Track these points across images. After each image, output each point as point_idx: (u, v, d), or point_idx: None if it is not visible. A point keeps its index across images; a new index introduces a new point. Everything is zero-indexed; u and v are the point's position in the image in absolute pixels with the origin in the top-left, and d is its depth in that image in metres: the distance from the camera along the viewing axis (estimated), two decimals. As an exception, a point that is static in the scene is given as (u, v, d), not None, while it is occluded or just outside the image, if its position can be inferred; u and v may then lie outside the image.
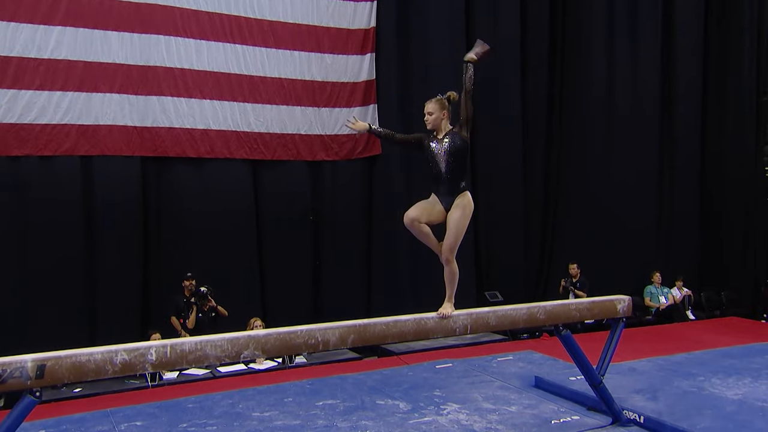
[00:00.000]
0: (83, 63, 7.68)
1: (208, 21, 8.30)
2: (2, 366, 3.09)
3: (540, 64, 10.50)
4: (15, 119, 7.36)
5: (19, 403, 3.20)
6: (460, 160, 4.25)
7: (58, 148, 7.55)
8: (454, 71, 9.68)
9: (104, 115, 7.76)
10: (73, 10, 7.62)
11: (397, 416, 5.08)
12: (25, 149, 7.42)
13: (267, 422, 4.93)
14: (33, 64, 7.46)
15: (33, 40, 7.46)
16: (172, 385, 6.37)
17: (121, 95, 7.85)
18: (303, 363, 7.15)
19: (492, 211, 10.07)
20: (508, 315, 4.57)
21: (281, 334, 3.81)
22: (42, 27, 7.50)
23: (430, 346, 7.70)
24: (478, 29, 9.93)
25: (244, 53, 8.50)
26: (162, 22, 8.03)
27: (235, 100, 8.42)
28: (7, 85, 7.34)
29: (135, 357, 3.39)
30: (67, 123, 7.58)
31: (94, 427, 4.81)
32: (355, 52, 9.19)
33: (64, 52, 7.59)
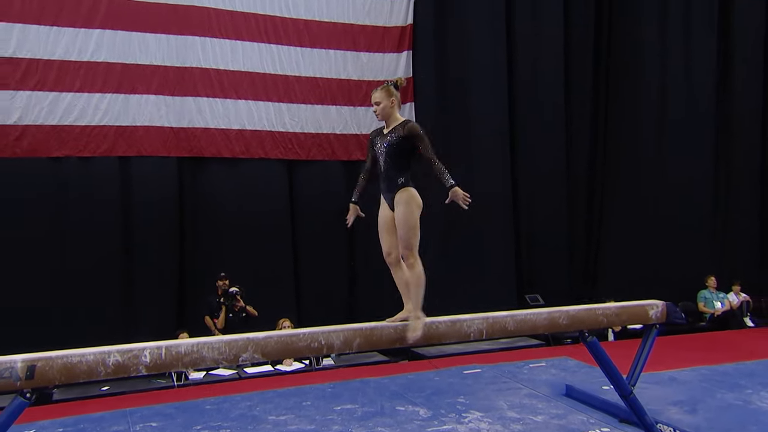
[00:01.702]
0: (121, 65, 7.78)
1: (243, 21, 8.29)
2: (-8, 365, 3.05)
3: (583, 63, 10.06)
4: (56, 121, 7.51)
5: (8, 405, 3.15)
6: (399, 158, 3.89)
7: (97, 149, 7.68)
8: (493, 70, 9.51)
9: (141, 116, 7.85)
10: (112, 13, 7.73)
11: (415, 423, 4.88)
12: (66, 150, 7.57)
13: (281, 426, 4.82)
14: (74, 66, 7.60)
15: (74, 43, 7.60)
16: (197, 386, 6.35)
17: (158, 96, 7.92)
18: (330, 365, 7.03)
19: (533, 212, 9.75)
20: (528, 320, 4.29)
21: (282, 336, 3.67)
22: (82, 30, 7.64)
23: (463, 350, 7.46)
24: (520, 26, 9.64)
25: (279, 53, 8.45)
26: (198, 23, 8.06)
27: (270, 100, 8.38)
28: (48, 88, 7.50)
29: (128, 359, 3.31)
30: (105, 124, 7.70)
31: (110, 427, 4.81)
32: (392, 50, 9.02)
33: (103, 55, 7.70)
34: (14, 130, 7.34)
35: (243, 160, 8.29)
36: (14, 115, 7.34)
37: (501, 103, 9.46)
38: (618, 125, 10.20)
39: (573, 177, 10.02)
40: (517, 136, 9.68)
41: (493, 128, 9.38)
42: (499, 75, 9.45)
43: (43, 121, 7.47)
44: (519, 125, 9.68)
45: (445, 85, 9.25)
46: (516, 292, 9.41)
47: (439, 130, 9.15)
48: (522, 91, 9.67)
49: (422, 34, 9.16)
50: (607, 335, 8.66)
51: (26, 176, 7.36)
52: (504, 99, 9.49)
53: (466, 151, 9.27)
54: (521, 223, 9.70)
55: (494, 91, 9.40)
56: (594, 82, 10.14)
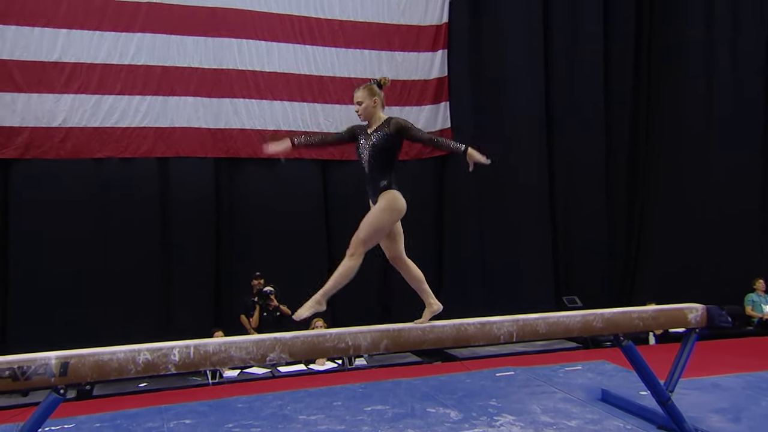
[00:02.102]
0: (161, 68, 7.93)
1: (278, 23, 8.37)
2: (27, 363, 3.13)
3: (623, 60, 9.81)
4: (98, 123, 7.71)
5: (44, 401, 3.23)
6: (383, 158, 3.77)
7: (137, 150, 7.84)
8: (529, 68, 9.35)
9: (179, 117, 7.99)
10: (152, 17, 7.89)
11: (446, 426, 4.82)
12: (107, 151, 7.76)
13: (311, 426, 4.82)
14: (115, 70, 7.79)
15: (116, 47, 7.79)
16: (231, 383, 6.42)
17: (196, 98, 8.05)
18: (363, 365, 7.03)
19: (572, 212, 9.57)
20: (560, 322, 4.19)
21: (309, 337, 3.67)
22: (123, 34, 7.82)
23: (497, 352, 7.36)
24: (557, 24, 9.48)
25: (314, 54, 8.50)
26: (234, 25, 8.17)
27: (304, 101, 8.44)
28: (91, 91, 7.70)
29: (158, 357, 3.35)
30: (145, 126, 7.86)
31: (145, 423, 4.89)
32: (427, 49, 8.98)
33: (143, 58, 7.87)
34: (59, 133, 7.56)
35: (278, 161, 8.31)
36: (59, 117, 7.56)
37: (537, 102, 9.32)
38: (660, 123, 9.92)
39: (613, 176, 9.80)
40: (554, 136, 9.52)
41: (529, 128, 9.24)
42: (535, 74, 9.31)
43: (86, 123, 7.67)
44: (556, 125, 9.52)
45: (480, 84, 9.17)
46: (553, 294, 9.26)
47: (475, 129, 9.09)
48: (559, 90, 9.50)
49: (457, 33, 9.10)
50: (648, 338, 8.45)
51: (70, 177, 7.56)
52: (541, 98, 9.35)
53: (504, 150, 9.12)
54: (558, 222, 9.53)
55: (530, 90, 9.26)
56: (634, 81, 9.89)
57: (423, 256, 8.82)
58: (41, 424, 3.25)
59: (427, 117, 8.96)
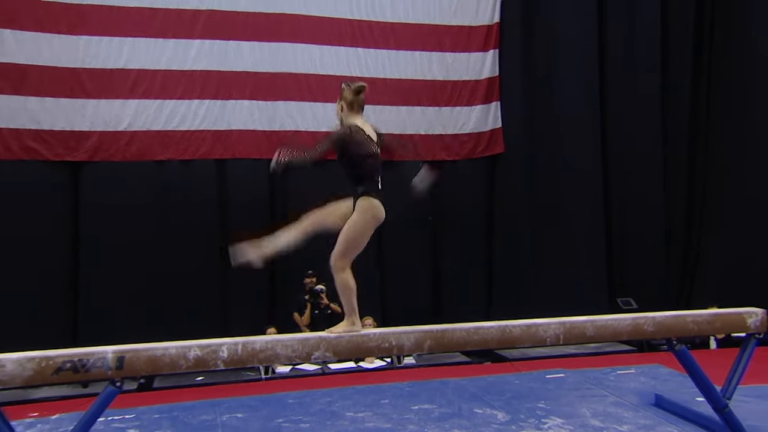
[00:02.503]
0: (218, 73, 8.11)
1: (330, 27, 8.43)
2: (87, 356, 3.26)
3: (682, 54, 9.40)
4: (160, 126, 7.94)
5: (101, 393, 3.35)
6: (347, 165, 3.79)
7: (196, 152, 8.04)
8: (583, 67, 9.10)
9: (236, 120, 8.15)
10: (210, 24, 8.06)
11: (492, 427, 4.76)
12: (168, 154, 7.98)
13: (358, 423, 4.85)
14: (176, 75, 8.00)
15: (176, 53, 8.00)
16: (283, 379, 6.51)
17: (251, 101, 8.20)
18: (412, 364, 7.01)
19: (627, 210, 9.26)
20: (609, 325, 4.08)
21: (353, 336, 3.69)
22: (184, 41, 8.02)
23: (548, 354, 7.22)
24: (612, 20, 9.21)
25: (366, 56, 8.53)
26: (288, 30, 8.27)
27: (357, 102, 8.44)
28: (154, 96, 7.94)
29: (207, 353, 3.45)
30: (204, 129, 8.05)
31: (200, 416, 5.02)
32: (478, 49, 8.87)
33: (202, 64, 8.06)
34: (124, 136, 7.83)
35: (331, 162, 8.36)
36: (125, 121, 7.83)
37: (592, 100, 9.06)
38: (720, 119, 9.44)
39: (670, 175, 9.42)
40: (609, 134, 9.24)
41: (582, 126, 9.00)
42: (589, 71, 9.06)
43: (149, 126, 7.91)
44: (610, 123, 9.24)
45: (532, 82, 8.99)
46: (607, 296, 9.00)
47: (526, 128, 8.93)
48: (613, 88, 9.21)
49: (509, 32, 8.95)
50: (709, 342, 8.11)
51: (134, 179, 7.82)
52: (595, 97, 9.09)
53: (556, 150, 8.97)
54: (613, 223, 9.24)
55: (584, 87, 9.02)
56: (693, 75, 9.45)
57: (474, 257, 8.82)
58: (100, 414, 3.38)
59: (477, 117, 8.85)
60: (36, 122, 7.52)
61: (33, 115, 7.50)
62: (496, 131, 8.91)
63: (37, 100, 7.52)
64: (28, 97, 7.49)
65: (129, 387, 6.09)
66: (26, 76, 7.47)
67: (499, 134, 8.92)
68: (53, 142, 7.60)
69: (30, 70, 7.49)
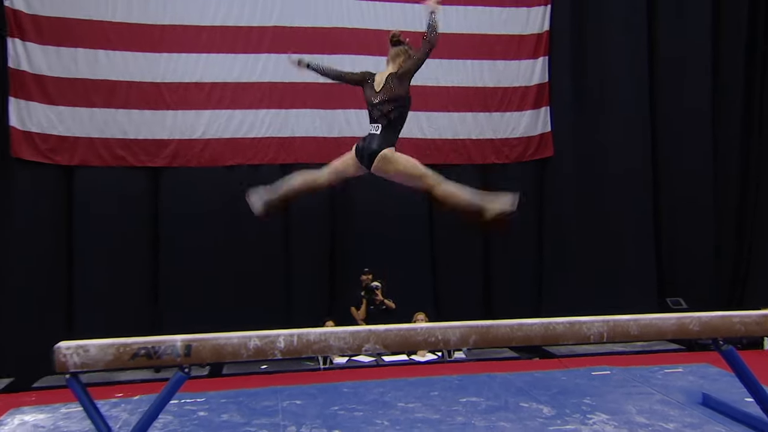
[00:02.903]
0: (282, 84, 8.26)
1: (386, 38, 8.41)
2: (159, 343, 3.39)
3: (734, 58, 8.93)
4: (230, 134, 8.16)
5: (171, 378, 3.47)
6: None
7: (263, 157, 8.22)
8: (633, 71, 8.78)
9: (299, 128, 8.29)
10: (276, 40, 8.22)
11: (538, 421, 4.66)
12: (238, 159, 8.20)
13: (409, 413, 4.84)
14: (245, 87, 8.21)
15: (245, 67, 8.20)
16: (340, 370, 6.57)
17: (312, 110, 8.32)
18: (462, 358, 6.95)
19: (676, 212, 8.89)
20: (653, 324, 3.92)
21: (401, 330, 3.69)
22: (252, 56, 8.21)
23: (595, 351, 7.00)
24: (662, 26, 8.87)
25: (420, 66, 8.49)
26: (347, 43, 8.34)
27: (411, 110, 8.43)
28: (225, 106, 8.18)
29: (266, 343, 3.51)
30: (269, 136, 8.22)
31: (262, 402, 5.13)
32: (528, 56, 8.72)
33: (268, 76, 8.23)
34: (199, 144, 8.09)
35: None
36: (199, 130, 8.08)
37: (641, 104, 8.74)
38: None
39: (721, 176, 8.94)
40: (659, 137, 8.89)
41: (632, 129, 8.70)
42: (639, 76, 8.75)
43: (221, 134, 8.15)
44: (660, 126, 8.88)
45: (582, 88, 8.77)
46: (656, 295, 8.67)
47: (575, 132, 8.72)
48: (664, 92, 8.85)
49: (559, 39, 8.75)
50: (763, 343, 7.69)
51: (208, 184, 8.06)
52: (645, 100, 8.76)
53: (605, 152, 8.71)
54: (663, 225, 8.89)
55: (634, 92, 8.71)
56: (746, 78, 8.97)
57: (523, 257, 8.66)
58: (171, 397, 3.50)
59: (527, 122, 8.70)
60: (123, 132, 7.87)
61: (120, 126, 7.86)
62: (545, 135, 8.74)
63: (124, 112, 7.87)
64: (117, 109, 7.85)
65: (200, 373, 6.34)
66: (115, 91, 7.83)
67: (549, 138, 8.74)
68: (137, 150, 7.92)
69: (119, 85, 7.84)
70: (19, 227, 7.51)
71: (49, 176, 7.67)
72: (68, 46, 7.69)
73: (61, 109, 7.66)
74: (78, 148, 7.72)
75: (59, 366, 3.24)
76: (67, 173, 7.78)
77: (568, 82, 8.73)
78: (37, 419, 4.85)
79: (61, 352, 3.24)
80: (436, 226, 8.62)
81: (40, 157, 7.58)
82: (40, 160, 7.58)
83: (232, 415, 4.84)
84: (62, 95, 7.66)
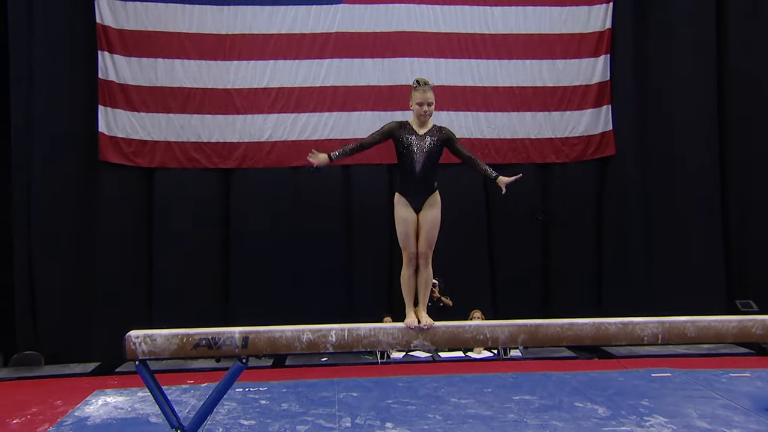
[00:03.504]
0: (345, 88, 8.34)
1: (446, 41, 8.38)
2: (219, 335, 3.51)
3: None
4: (295, 137, 8.31)
5: (231, 368, 3.57)
6: (437, 161, 3.82)
7: (325, 159, 8.32)
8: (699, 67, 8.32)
9: (360, 130, 8.31)
10: (339, 45, 8.31)
11: (592, 421, 4.49)
12: (302, 160, 8.18)
13: (461, 409, 4.78)
14: (309, 91, 8.33)
15: (310, 72, 8.34)
16: (397, 364, 6.57)
17: (374, 112, 8.35)
18: (518, 356, 6.79)
19: (747, 212, 8.34)
20: (712, 327, 3.71)
21: (449, 327, 3.66)
22: (316, 61, 8.33)
23: (657, 353, 6.68)
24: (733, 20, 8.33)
25: (479, 67, 8.38)
26: (407, 46, 8.33)
27: (468, 110, 8.37)
28: (290, 110, 8.34)
29: (318, 337, 3.57)
30: (332, 138, 8.30)
31: (320, 393, 5.20)
32: (589, 55, 8.42)
33: (331, 80, 8.33)
34: (266, 146, 8.29)
35: (443, 165, 8.27)
36: (266, 133, 8.28)
37: (707, 102, 8.23)
38: None
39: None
40: (727, 135, 8.38)
41: (697, 128, 8.22)
42: (705, 72, 8.26)
43: (286, 137, 8.32)
44: (728, 123, 8.36)
45: (645, 85, 8.37)
46: (725, 297, 8.17)
47: (637, 131, 8.35)
48: (733, 88, 8.32)
49: (621, 36, 8.40)
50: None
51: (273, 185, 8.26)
52: (711, 98, 8.26)
53: (668, 152, 8.28)
54: (731, 225, 8.36)
55: (701, 89, 8.24)
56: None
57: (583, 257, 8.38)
58: (230, 385, 3.61)
59: (588, 120, 8.41)
60: (197, 136, 8.17)
61: (195, 130, 8.17)
62: (606, 134, 8.41)
63: (198, 117, 8.17)
64: (192, 114, 8.16)
65: (264, 364, 6.50)
66: (190, 98, 8.15)
67: (610, 137, 8.41)
68: (210, 153, 8.21)
69: (193, 92, 8.16)
70: (105, 224, 7.91)
71: (131, 178, 8.06)
72: (149, 56, 8.07)
73: (142, 115, 8.05)
74: (157, 151, 8.09)
75: (129, 353, 3.40)
76: (147, 175, 8.16)
77: (631, 79, 8.35)
78: (117, 401, 5.12)
79: (130, 340, 3.41)
80: (493, 222, 8.47)
81: (123, 160, 7.99)
82: (123, 163, 7.98)
83: (291, 404, 4.94)
84: (143, 102, 8.05)
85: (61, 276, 7.61)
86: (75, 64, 7.81)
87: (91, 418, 4.74)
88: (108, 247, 7.86)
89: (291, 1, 8.24)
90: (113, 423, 4.63)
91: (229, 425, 4.48)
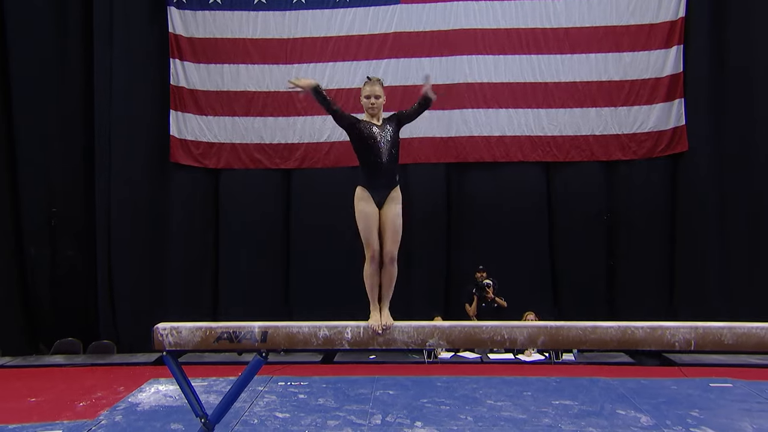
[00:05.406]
0: (402, 87, 8.37)
1: (506, 37, 8.26)
2: (239, 329, 3.66)
3: None
4: (349, 136, 8.47)
5: (251, 361, 3.72)
6: (398, 151, 3.71)
7: (383, 158, 8.42)
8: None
9: (417, 129, 8.34)
10: (396, 45, 8.41)
11: (632, 429, 4.31)
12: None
13: (495, 411, 4.72)
14: (367, 92, 8.46)
15: (367, 72, 8.42)
16: (444, 364, 6.55)
17: (431, 111, 8.28)
18: (570, 360, 6.57)
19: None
20: (752, 334, 3.43)
21: (465, 327, 3.63)
22: (374, 61, 8.49)
23: (726, 362, 6.25)
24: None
25: (539, 62, 8.20)
26: (465, 44, 8.29)
27: (529, 107, 8.20)
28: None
29: (334, 334, 3.64)
30: (389, 137, 8.39)
31: (358, 389, 5.30)
32: (659, 46, 8.01)
33: (389, 80, 8.29)
34: (325, 146, 8.53)
35: (502, 164, 8.25)
36: (325, 134, 8.52)
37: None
38: None
39: None
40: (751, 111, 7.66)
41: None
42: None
43: (344, 138, 8.27)
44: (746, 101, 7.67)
45: (722, 78, 7.83)
46: None
47: (712, 127, 7.82)
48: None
49: (696, 25, 7.90)
50: None
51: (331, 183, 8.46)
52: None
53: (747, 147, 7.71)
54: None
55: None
56: None
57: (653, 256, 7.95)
58: (250, 379, 3.75)
59: (658, 115, 7.99)
60: (260, 137, 8.54)
61: (258, 132, 8.54)
62: (679, 129, 7.96)
63: (261, 119, 8.55)
64: (255, 117, 8.55)
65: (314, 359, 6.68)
66: (253, 101, 8.54)
67: (683, 132, 7.94)
68: (272, 153, 8.56)
69: (256, 95, 8.54)
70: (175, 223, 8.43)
71: (199, 179, 8.54)
72: (216, 62, 8.53)
73: (209, 118, 8.52)
74: (222, 152, 8.53)
75: (156, 344, 3.64)
76: (214, 176, 8.61)
77: (706, 71, 7.86)
78: (168, 390, 5.48)
79: (158, 332, 3.64)
80: (555, 222, 8.23)
81: (192, 161, 8.49)
82: (192, 164, 8.48)
83: (327, 399, 5.08)
84: (210, 106, 8.52)
85: (138, 271, 8.14)
86: (148, 72, 8.38)
87: (141, 405, 5.11)
88: (177, 245, 8.37)
89: (349, 4, 8.43)
90: (160, 410, 4.96)
91: (264, 416, 4.67)
